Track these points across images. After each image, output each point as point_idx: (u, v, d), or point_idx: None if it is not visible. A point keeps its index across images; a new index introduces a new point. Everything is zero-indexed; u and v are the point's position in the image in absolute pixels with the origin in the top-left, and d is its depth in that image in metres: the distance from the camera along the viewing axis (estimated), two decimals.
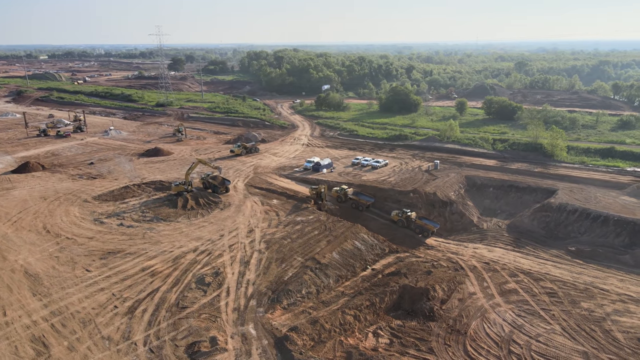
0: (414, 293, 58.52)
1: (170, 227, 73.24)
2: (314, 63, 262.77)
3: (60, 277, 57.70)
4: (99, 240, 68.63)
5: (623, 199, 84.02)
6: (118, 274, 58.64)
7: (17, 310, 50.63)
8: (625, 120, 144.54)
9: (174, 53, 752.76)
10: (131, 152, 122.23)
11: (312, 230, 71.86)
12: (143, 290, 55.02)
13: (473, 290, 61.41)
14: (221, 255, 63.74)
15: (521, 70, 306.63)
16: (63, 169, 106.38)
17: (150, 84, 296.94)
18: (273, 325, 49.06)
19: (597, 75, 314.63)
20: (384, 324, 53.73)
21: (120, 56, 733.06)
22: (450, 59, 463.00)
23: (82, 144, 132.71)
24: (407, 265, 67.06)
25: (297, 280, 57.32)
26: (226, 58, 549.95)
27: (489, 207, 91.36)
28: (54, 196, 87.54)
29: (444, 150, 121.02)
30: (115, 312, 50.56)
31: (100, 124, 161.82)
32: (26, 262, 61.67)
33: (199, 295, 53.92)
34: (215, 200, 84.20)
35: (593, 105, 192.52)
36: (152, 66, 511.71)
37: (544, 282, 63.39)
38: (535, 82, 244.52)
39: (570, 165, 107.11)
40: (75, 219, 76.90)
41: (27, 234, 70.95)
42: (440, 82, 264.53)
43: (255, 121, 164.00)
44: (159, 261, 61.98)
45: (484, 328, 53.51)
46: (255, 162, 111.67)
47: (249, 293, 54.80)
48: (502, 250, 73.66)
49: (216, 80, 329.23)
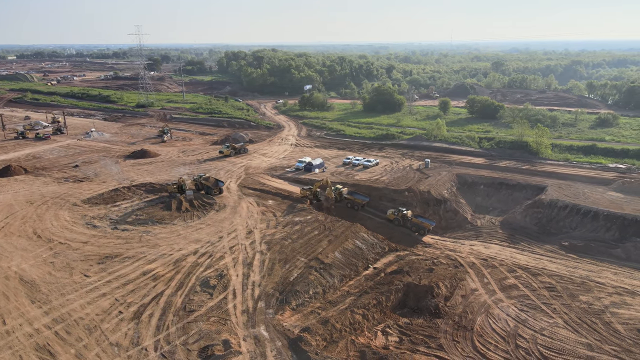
0: (418, 291, 58.95)
1: (166, 230, 71.94)
2: (295, 63, 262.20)
3: (59, 283, 56.01)
4: (94, 244, 66.91)
5: (610, 194, 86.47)
6: (118, 279, 57.27)
7: (17, 319, 48.90)
8: (604, 118, 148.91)
9: (149, 53, 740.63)
10: (116, 154, 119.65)
11: (311, 230, 71.65)
12: (147, 294, 53.88)
13: (475, 287, 62.20)
14: (223, 257, 62.94)
15: (498, 70, 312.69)
16: (47, 172, 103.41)
17: (128, 85, 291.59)
18: (284, 326, 48.70)
19: (570, 75, 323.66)
20: (392, 322, 53.95)
21: (92, 56, 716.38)
22: (427, 58, 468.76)
23: (64, 147, 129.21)
24: (408, 263, 67.52)
25: (303, 280, 57.06)
26: (202, 58, 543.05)
27: (481, 205, 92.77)
28: (41, 200, 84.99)
29: (432, 149, 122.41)
30: (121, 317, 49.36)
31: (81, 126, 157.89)
32: (20, 268, 59.65)
33: (206, 298, 53.11)
34: (209, 201, 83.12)
35: (570, 103, 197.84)
36: (127, 66, 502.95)
37: (542, 277, 64.67)
38: (513, 81, 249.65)
39: (556, 162, 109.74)
40: (66, 223, 74.81)
41: (17, 239, 68.64)
42: (421, 82, 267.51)
43: (241, 122, 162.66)
44: (159, 264, 60.80)
45: (489, 323, 54.23)
46: (246, 163, 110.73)
47: (256, 295, 54.26)
48: (498, 246, 74.87)
49: (195, 81, 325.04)
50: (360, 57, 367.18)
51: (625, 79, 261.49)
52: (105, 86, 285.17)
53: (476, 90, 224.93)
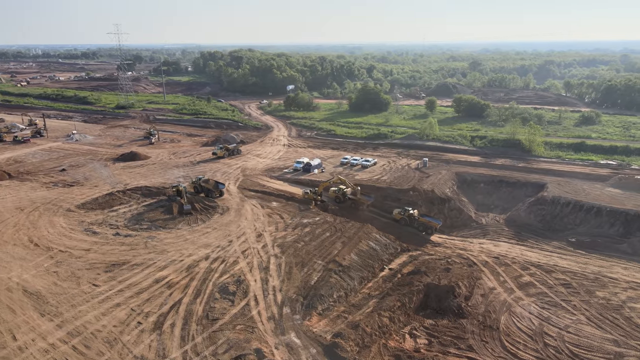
0: (439, 291, 58.26)
1: (172, 235, 69.21)
2: (276, 63, 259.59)
3: (67, 294, 52.90)
4: (98, 251, 63.72)
5: (609, 190, 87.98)
6: (130, 287, 54.52)
7: (28, 333, 45.77)
8: (587, 116, 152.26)
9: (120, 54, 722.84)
10: (104, 157, 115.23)
11: (323, 232, 70.15)
12: (164, 303, 51.38)
13: (492, 285, 61.93)
14: (237, 262, 60.80)
15: (475, 70, 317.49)
16: (33, 177, 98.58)
17: (103, 86, 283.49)
18: (315, 332, 47.11)
19: (544, 74, 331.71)
20: (417, 324, 53.04)
21: (61, 56, 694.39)
22: (404, 59, 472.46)
23: (46, 150, 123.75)
24: (423, 263, 66.80)
25: (326, 284, 55.53)
26: (176, 59, 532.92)
27: (482, 203, 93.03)
28: (32, 206, 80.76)
29: (426, 148, 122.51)
30: (141, 328, 46.80)
31: (60, 128, 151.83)
32: (22, 279, 56.17)
33: (227, 306, 50.98)
34: (212, 204, 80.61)
35: (550, 102, 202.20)
36: (99, 67, 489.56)
37: (556, 273, 64.95)
38: (492, 81, 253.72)
39: (549, 159, 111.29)
40: (63, 229, 71.16)
41: (13, 248, 64.80)
42: (402, 82, 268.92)
43: (228, 122, 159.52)
44: (171, 271, 58.25)
45: (513, 322, 53.94)
46: (241, 165, 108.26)
47: (279, 300, 52.44)
48: (507, 244, 75.01)
49: (172, 82, 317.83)
50: (339, 58, 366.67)
51: (598, 77, 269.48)
52: (79, 87, 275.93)
53: (458, 89, 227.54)
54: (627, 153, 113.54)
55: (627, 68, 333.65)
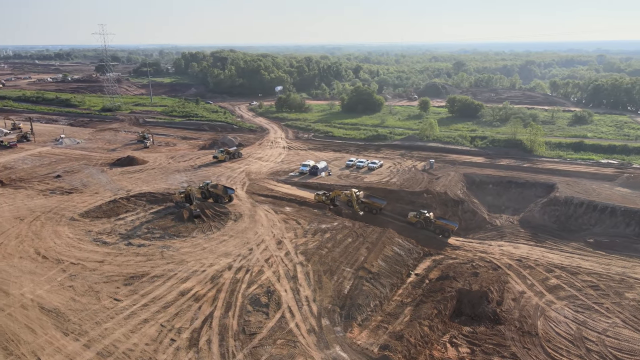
0: (472, 297, 57.06)
1: (188, 244, 66.34)
2: (264, 64, 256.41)
3: (89, 310, 49.75)
4: (113, 263, 60.52)
5: (618, 189, 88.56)
6: (155, 302, 51.66)
7: (54, 355, 42.64)
8: (579, 115, 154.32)
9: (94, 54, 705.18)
10: (99, 162, 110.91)
11: (344, 238, 68.29)
12: (194, 317, 48.73)
13: (521, 289, 61.08)
14: (262, 271, 58.44)
15: (460, 70, 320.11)
16: (27, 184, 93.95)
17: (83, 87, 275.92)
18: (360, 345, 45.21)
19: (526, 74, 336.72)
20: (456, 332, 51.70)
21: (33, 57, 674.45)
22: (386, 59, 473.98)
23: (36, 155, 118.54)
24: (449, 267, 65.58)
25: (361, 293, 53.68)
26: (155, 59, 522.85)
27: (493, 204, 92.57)
28: (32, 216, 76.68)
29: (428, 149, 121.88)
30: (175, 346, 44.12)
31: (47, 132, 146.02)
32: (36, 295, 52.73)
33: (262, 319, 48.63)
34: (223, 210, 77.87)
35: (538, 101, 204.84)
36: (74, 68, 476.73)
37: (581, 275, 64.54)
38: (479, 81, 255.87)
39: (551, 159, 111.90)
40: (70, 240, 67.55)
41: (20, 261, 61.04)
42: (389, 82, 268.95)
43: (223, 125, 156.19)
44: (195, 283, 55.55)
45: (551, 327, 53.09)
46: (244, 168, 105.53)
47: (315, 311, 50.35)
48: (526, 246, 74.46)
49: (154, 83, 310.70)
50: (323, 58, 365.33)
51: (579, 77, 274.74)
52: (58, 89, 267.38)
53: (447, 89, 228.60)
54: (627, 152, 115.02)
55: (606, 68, 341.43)
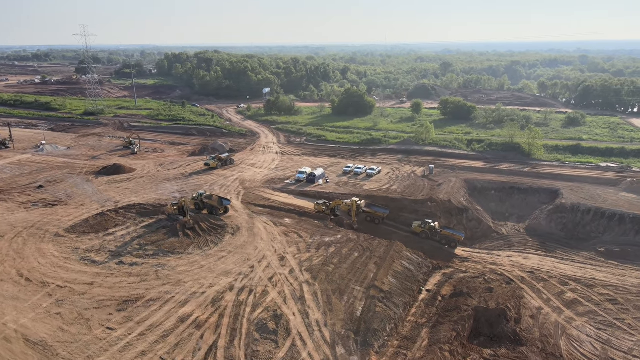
0: (490, 315, 53.99)
1: (184, 262, 62.04)
2: (250, 65, 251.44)
3: (79, 342, 45.27)
4: (103, 285, 55.96)
5: (623, 195, 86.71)
6: (153, 330, 47.39)
7: None
8: (573, 117, 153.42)
9: (73, 55, 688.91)
10: (83, 171, 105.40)
11: (350, 252, 64.72)
12: (197, 348, 44.65)
13: (538, 305, 58.31)
14: (266, 292, 54.53)
15: (447, 71, 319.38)
16: (7, 196, 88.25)
17: (63, 90, 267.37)
18: None
19: (512, 74, 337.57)
20: (476, 355, 48.53)
21: (10, 59, 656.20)
22: (372, 60, 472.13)
23: (16, 163, 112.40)
24: (459, 282, 62.52)
25: (375, 316, 50.12)
26: (136, 60, 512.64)
27: (497, 211, 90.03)
28: (13, 232, 71.42)
29: (425, 154, 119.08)
30: None
31: (27, 138, 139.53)
32: (20, 324, 47.99)
33: (272, 348, 44.78)
34: (219, 223, 73.61)
35: (528, 103, 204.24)
36: (53, 69, 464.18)
37: (597, 288, 62.11)
38: (468, 81, 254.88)
39: (550, 163, 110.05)
40: (55, 259, 62.68)
41: (1, 285, 56.04)
42: (377, 83, 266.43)
43: (212, 129, 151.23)
44: (195, 306, 51.40)
45: (575, 348, 50.35)
46: (238, 176, 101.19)
47: (327, 338, 46.65)
48: (536, 256, 71.87)
49: (137, 85, 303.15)
50: (309, 59, 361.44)
51: (564, 77, 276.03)
52: (37, 92, 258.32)
53: (437, 91, 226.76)
54: (624, 155, 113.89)
55: (590, 68, 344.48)
